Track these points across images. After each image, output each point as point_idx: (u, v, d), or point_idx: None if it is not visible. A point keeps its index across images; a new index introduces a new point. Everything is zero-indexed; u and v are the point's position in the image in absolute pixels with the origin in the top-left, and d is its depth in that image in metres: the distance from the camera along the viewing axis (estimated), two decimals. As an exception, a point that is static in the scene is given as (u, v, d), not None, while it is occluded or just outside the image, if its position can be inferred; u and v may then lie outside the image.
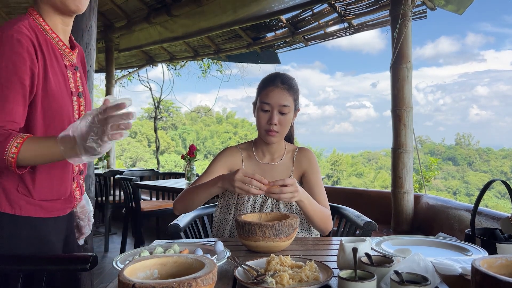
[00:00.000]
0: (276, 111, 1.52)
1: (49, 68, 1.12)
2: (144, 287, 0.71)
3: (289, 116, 1.55)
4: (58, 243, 1.22)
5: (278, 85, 1.54)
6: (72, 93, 1.20)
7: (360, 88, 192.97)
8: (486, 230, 1.21)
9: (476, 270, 0.73)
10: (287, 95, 1.53)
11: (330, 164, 32.46)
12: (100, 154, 0.95)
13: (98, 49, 5.78)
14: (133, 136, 29.72)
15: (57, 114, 1.14)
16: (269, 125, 1.52)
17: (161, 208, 3.95)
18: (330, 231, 1.57)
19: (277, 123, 1.52)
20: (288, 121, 1.55)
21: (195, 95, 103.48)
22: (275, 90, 1.53)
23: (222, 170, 1.61)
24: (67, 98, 1.17)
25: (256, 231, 1.18)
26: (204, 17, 4.95)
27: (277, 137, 1.55)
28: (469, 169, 32.65)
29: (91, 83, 2.58)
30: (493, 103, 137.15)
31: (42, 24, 1.15)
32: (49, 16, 1.16)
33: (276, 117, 1.52)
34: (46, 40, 1.14)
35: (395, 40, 3.16)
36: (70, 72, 1.21)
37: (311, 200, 1.43)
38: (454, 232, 2.60)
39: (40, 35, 1.12)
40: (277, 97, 1.52)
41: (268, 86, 1.55)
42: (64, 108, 1.15)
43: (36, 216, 1.14)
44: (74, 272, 1.12)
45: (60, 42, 1.19)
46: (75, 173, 1.26)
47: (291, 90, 1.55)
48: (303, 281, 0.92)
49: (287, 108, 1.53)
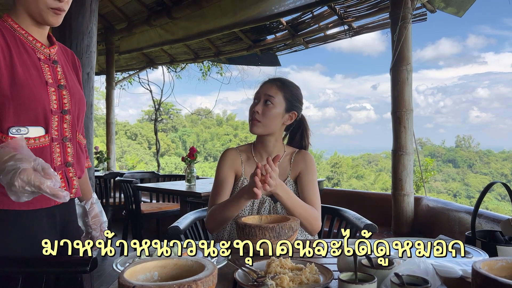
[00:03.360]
0: (262, 101, 1.56)
1: (16, 59, 1.15)
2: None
3: (274, 109, 1.55)
4: (51, 243, 1.19)
5: (271, 81, 1.61)
6: (48, 83, 1.20)
7: (361, 90, 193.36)
8: (486, 232, 1.21)
9: (477, 272, 0.73)
10: (276, 89, 1.57)
11: (331, 166, 32.44)
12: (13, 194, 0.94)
13: (98, 51, 5.78)
14: (133, 138, 29.74)
15: (29, 103, 1.15)
16: (252, 113, 1.56)
17: (161, 210, 3.95)
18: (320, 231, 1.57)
19: (259, 112, 1.55)
20: (271, 113, 1.55)
21: (196, 97, 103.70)
22: (266, 83, 1.61)
23: (231, 172, 1.62)
24: (41, 87, 1.18)
25: (256, 233, 1.18)
26: (204, 19, 4.96)
27: (259, 127, 1.56)
28: (469, 171, 32.61)
29: (92, 85, 2.58)
30: (493, 105, 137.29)
31: (10, 23, 1.19)
32: (22, 19, 1.21)
33: (260, 106, 1.56)
34: (13, 35, 1.18)
35: (395, 42, 3.17)
36: (45, 65, 1.23)
37: (291, 195, 1.43)
38: (455, 234, 2.59)
39: (5, 31, 1.17)
40: (266, 87, 1.59)
41: (263, 82, 1.63)
42: (36, 97, 1.16)
43: (17, 208, 1.12)
44: (74, 274, 1.11)
45: (29, 37, 1.21)
46: (57, 164, 1.22)
47: (283, 87, 1.59)
48: (304, 284, 0.92)
49: (272, 99, 1.55)
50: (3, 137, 1.12)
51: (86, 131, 2.53)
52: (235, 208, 1.44)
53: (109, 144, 6.25)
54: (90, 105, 2.56)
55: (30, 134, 1.16)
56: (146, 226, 4.12)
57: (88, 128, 2.56)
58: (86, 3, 2.61)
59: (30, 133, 1.16)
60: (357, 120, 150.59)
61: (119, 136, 25.15)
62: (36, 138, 1.17)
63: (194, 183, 3.67)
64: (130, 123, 32.39)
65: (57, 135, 1.22)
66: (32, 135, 1.16)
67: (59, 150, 1.23)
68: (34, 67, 1.19)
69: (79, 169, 1.33)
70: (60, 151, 1.24)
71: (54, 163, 1.22)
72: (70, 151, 1.27)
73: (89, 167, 1.44)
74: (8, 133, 1.12)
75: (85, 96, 1.40)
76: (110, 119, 6.31)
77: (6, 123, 1.12)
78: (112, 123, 6.34)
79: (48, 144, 1.20)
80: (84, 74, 2.52)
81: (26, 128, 1.15)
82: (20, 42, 1.19)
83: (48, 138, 1.20)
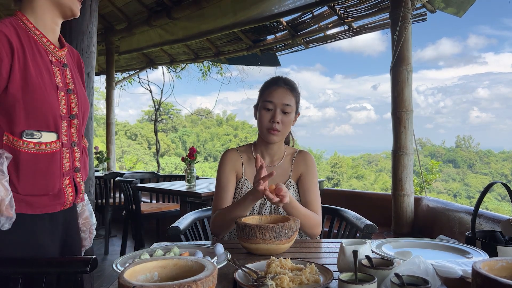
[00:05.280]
0: (279, 110, 1.53)
1: (30, 61, 1.13)
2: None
3: (291, 116, 1.56)
4: (53, 245, 1.20)
5: (281, 85, 1.57)
6: (58, 87, 1.19)
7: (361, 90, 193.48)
8: (486, 232, 1.21)
9: (477, 272, 0.73)
10: (290, 96, 1.55)
11: (331, 167, 32.44)
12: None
13: (98, 51, 5.79)
14: (133, 138, 29.74)
15: (40, 107, 1.13)
16: (272, 123, 1.53)
17: (161, 210, 3.95)
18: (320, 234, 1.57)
19: (280, 122, 1.53)
20: (289, 122, 1.56)
21: (195, 98, 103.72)
22: (279, 89, 1.55)
23: (232, 174, 1.61)
24: (52, 92, 1.17)
25: (256, 234, 1.18)
26: (204, 19, 4.96)
27: (279, 136, 1.55)
28: (469, 171, 32.61)
29: (92, 85, 2.59)
30: (493, 106, 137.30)
31: (25, 22, 1.18)
32: (40, 14, 1.19)
33: (279, 116, 1.53)
34: (28, 35, 1.16)
35: (395, 42, 3.17)
36: (56, 68, 1.21)
37: (295, 203, 1.43)
38: (455, 234, 2.59)
39: (20, 31, 1.15)
40: (281, 96, 1.54)
41: (272, 86, 1.57)
42: (47, 101, 1.15)
43: (23, 212, 1.12)
44: (74, 274, 1.11)
45: (43, 38, 1.20)
46: (66, 169, 1.22)
47: (294, 92, 1.58)
48: (304, 284, 0.92)
49: (290, 108, 1.54)
50: (14, 140, 1.11)
51: (87, 131, 2.53)
52: (241, 211, 1.42)
53: (109, 144, 6.25)
54: (90, 105, 2.56)
55: (43, 139, 1.15)
56: (146, 226, 4.12)
57: (88, 128, 2.56)
58: (86, 3, 2.61)
59: (43, 138, 1.15)
60: (357, 120, 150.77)
61: (119, 136, 25.15)
62: (48, 143, 1.16)
63: (194, 183, 3.67)
64: (130, 123, 32.41)
65: (66, 140, 1.22)
66: (45, 140, 1.16)
67: (68, 155, 1.23)
68: (46, 70, 1.18)
69: (84, 173, 1.33)
70: (69, 156, 1.23)
71: (63, 168, 1.21)
72: (78, 156, 1.27)
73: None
74: (22, 136, 1.11)
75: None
76: (110, 119, 6.31)
77: (18, 126, 1.11)
78: (112, 123, 6.33)
79: (59, 150, 1.19)
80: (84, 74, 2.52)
81: (39, 132, 1.14)
82: (34, 43, 1.17)
83: (59, 143, 1.19)
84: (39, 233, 1.16)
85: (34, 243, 1.15)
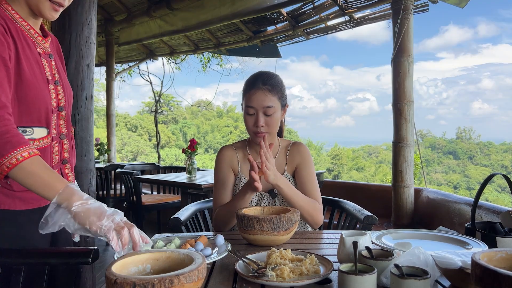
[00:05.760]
0: (261, 113, 1.51)
1: (22, 55, 1.09)
2: (125, 282, 0.70)
3: (276, 115, 1.53)
4: (42, 240, 1.18)
5: (259, 87, 1.52)
6: (49, 81, 1.16)
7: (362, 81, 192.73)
8: (486, 224, 1.21)
9: (476, 263, 0.74)
10: (270, 96, 1.51)
11: (331, 158, 32.48)
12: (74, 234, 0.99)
13: (98, 42, 5.77)
14: (133, 130, 29.74)
15: (33, 103, 1.10)
16: (256, 127, 1.52)
17: (162, 202, 3.96)
18: (321, 224, 1.57)
19: (264, 125, 1.52)
20: (275, 121, 1.54)
21: (196, 89, 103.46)
22: (257, 93, 1.51)
23: (230, 171, 1.62)
24: (43, 86, 1.14)
25: (254, 225, 1.18)
26: (203, 10, 4.93)
27: (267, 136, 1.54)
28: (469, 163, 32.64)
29: (91, 77, 2.57)
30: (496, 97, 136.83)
31: (11, 13, 1.12)
32: (20, 8, 1.13)
33: (262, 119, 1.51)
34: (16, 28, 1.11)
35: (396, 33, 3.15)
36: (44, 60, 1.18)
37: (291, 187, 1.46)
38: (455, 226, 2.60)
39: (9, 23, 1.09)
40: (260, 99, 1.50)
41: (250, 89, 1.53)
42: (41, 96, 1.12)
43: (17, 209, 1.11)
44: (76, 265, 1.11)
45: (31, 30, 1.16)
46: (55, 162, 1.20)
47: (274, 90, 1.53)
48: (304, 275, 0.92)
49: (272, 109, 1.51)
50: None
51: (86, 123, 2.52)
52: (242, 203, 1.45)
53: (109, 136, 6.25)
54: (90, 97, 2.55)
55: (35, 135, 1.12)
56: (147, 217, 4.13)
57: (88, 120, 2.55)
58: (85, -6, 2.59)
59: (35, 134, 1.12)
60: (358, 112, 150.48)
61: (120, 128, 25.13)
62: (40, 139, 1.14)
63: (194, 175, 3.68)
64: (130, 114, 32.40)
65: (56, 133, 1.20)
66: (37, 136, 1.13)
67: (57, 149, 1.21)
68: (36, 63, 1.14)
69: (73, 161, 1.30)
70: (58, 149, 1.21)
71: (53, 162, 1.19)
72: (66, 148, 1.24)
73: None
74: None
75: (85, 88, 1.38)
76: (111, 111, 6.30)
77: None
78: (113, 115, 6.32)
79: (49, 145, 1.17)
80: (84, 65, 2.50)
81: (31, 128, 1.12)
82: (22, 35, 1.12)
83: (49, 138, 1.17)
84: (30, 228, 1.14)
85: (24, 236, 1.13)
